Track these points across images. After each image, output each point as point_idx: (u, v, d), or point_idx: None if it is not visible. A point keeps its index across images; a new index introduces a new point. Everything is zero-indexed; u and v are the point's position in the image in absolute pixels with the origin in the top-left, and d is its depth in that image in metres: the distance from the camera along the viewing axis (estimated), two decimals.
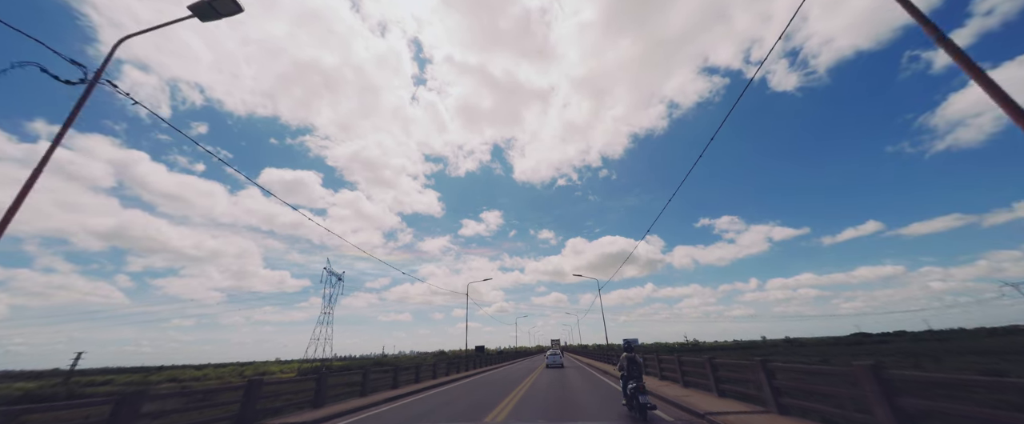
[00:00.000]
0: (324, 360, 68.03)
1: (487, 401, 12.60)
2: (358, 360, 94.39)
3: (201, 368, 79.00)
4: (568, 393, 13.76)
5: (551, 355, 32.12)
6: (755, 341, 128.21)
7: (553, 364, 30.44)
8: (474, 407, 11.52)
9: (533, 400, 12.42)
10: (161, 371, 71.49)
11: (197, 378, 56.40)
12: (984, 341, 54.26)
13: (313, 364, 65.59)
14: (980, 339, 60.93)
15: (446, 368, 24.89)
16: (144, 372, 70.61)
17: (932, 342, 60.52)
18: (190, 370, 70.95)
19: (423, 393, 15.66)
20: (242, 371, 66.49)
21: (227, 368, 75.38)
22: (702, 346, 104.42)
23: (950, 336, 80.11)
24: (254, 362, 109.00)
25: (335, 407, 11.46)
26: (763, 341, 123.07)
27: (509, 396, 13.54)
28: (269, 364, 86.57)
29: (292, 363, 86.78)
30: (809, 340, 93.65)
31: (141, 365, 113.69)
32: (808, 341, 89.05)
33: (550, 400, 12.25)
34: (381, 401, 12.99)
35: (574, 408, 10.55)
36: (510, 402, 12.16)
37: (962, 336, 76.91)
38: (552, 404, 11.42)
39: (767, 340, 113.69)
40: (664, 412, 9.46)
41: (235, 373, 65.89)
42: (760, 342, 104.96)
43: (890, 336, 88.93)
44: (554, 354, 32.59)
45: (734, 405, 9.37)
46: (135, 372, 71.92)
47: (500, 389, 16.06)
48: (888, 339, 78.36)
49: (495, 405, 11.68)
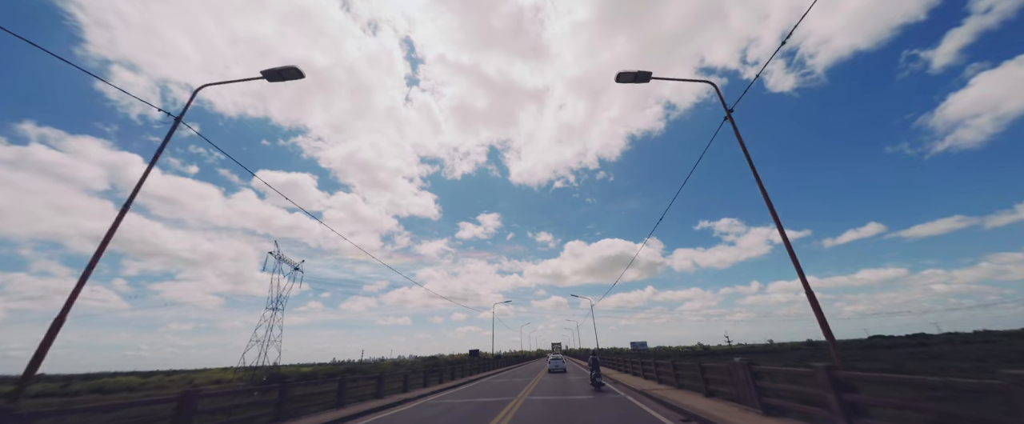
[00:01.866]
0: (270, 368, 58.35)
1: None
2: (325, 367, 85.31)
3: (149, 376, 72.06)
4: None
5: (553, 360, 32.11)
6: (760, 344, 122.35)
7: (555, 369, 30.31)
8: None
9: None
10: (116, 378, 64.52)
11: (131, 387, 49.69)
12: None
13: (253, 373, 56.62)
14: (1014, 341, 54.94)
15: (424, 377, 21.89)
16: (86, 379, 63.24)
17: (960, 345, 54.86)
18: (134, 378, 64.00)
19: (379, 414, 12.63)
20: (192, 379, 59.52)
21: (177, 376, 68.42)
22: (715, 350, 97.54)
23: (971, 338, 74.75)
24: (186, 370, 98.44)
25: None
26: (771, 344, 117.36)
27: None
28: (212, 371, 72.60)
29: (236, 371, 70.13)
30: (841, 342, 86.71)
31: (134, 370, 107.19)
32: (824, 344, 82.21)
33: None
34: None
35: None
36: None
37: (985, 337, 71.29)
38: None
39: (789, 343, 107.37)
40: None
41: (185, 380, 58.98)
42: (788, 345, 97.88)
43: (913, 338, 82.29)
44: (556, 358, 32.42)
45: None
46: (88, 379, 64.32)
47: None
48: (913, 342, 71.74)
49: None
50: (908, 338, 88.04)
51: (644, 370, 20.51)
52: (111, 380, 59.33)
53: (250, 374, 55.54)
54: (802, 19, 7.68)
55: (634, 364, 23.24)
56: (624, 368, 25.86)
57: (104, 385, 51.87)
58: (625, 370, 25.61)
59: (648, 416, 10.17)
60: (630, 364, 24.41)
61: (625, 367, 25.62)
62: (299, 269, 69.18)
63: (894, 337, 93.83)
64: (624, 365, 25.86)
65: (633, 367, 23.49)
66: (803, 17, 7.59)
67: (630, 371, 24.32)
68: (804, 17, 7.60)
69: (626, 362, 25.63)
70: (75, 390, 47.54)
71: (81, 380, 59.78)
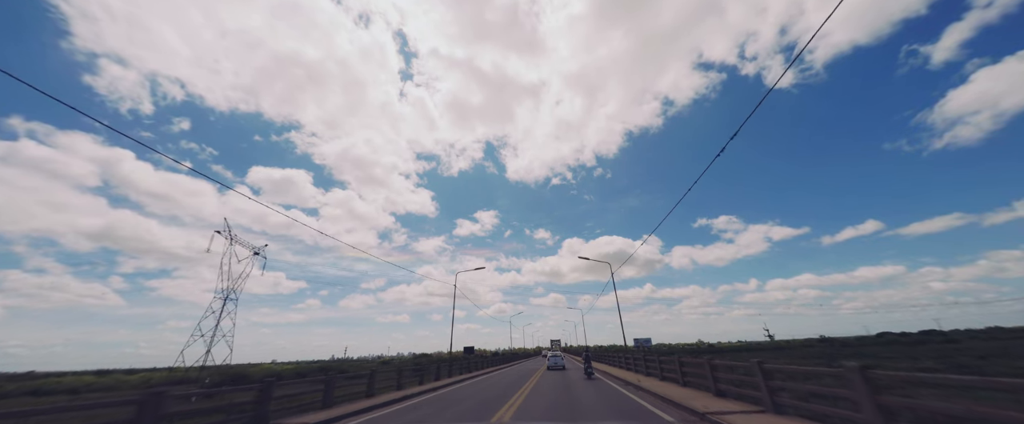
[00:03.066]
0: (219, 368, 51.11)
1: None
2: (284, 367, 77.79)
3: (105, 375, 66.68)
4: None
5: (552, 357, 32.71)
6: (761, 341, 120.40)
7: (554, 366, 30.73)
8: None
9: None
10: (62, 378, 59.01)
11: (75, 389, 44.75)
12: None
13: (194, 373, 48.13)
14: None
15: (397, 378, 18.74)
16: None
17: (976, 341, 51.78)
18: (88, 377, 58.66)
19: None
20: (150, 379, 54.21)
21: (137, 375, 63.12)
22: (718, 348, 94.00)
23: (980, 334, 72.75)
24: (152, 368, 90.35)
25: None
26: (772, 341, 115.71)
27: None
28: (158, 372, 63.00)
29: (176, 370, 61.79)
30: (848, 339, 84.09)
31: (132, 367, 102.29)
32: (845, 340, 79.41)
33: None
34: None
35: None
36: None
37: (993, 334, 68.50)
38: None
39: (802, 340, 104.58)
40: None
41: (144, 381, 53.83)
42: (799, 342, 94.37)
43: (928, 335, 79.07)
44: (555, 356, 33.11)
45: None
46: (29, 379, 58.86)
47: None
48: (927, 339, 68.67)
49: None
50: (922, 334, 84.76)
51: (648, 367, 20.84)
52: (54, 381, 53.92)
53: (192, 373, 48.15)
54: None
55: (636, 361, 23.56)
56: (625, 365, 26.07)
57: (42, 386, 46.57)
58: (628, 367, 25.69)
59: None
60: (633, 362, 24.67)
61: (627, 365, 25.76)
62: (260, 253, 60.47)
63: (908, 334, 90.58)
64: (625, 362, 26.06)
65: (635, 364, 23.61)
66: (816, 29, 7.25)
67: (632, 368, 24.41)
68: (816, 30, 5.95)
69: (626, 359, 25.81)
70: (6, 391, 42.19)
71: (19, 380, 54.29)
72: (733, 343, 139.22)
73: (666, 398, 12.43)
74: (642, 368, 21.95)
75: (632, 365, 24.27)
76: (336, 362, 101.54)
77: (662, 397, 12.79)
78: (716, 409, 9.85)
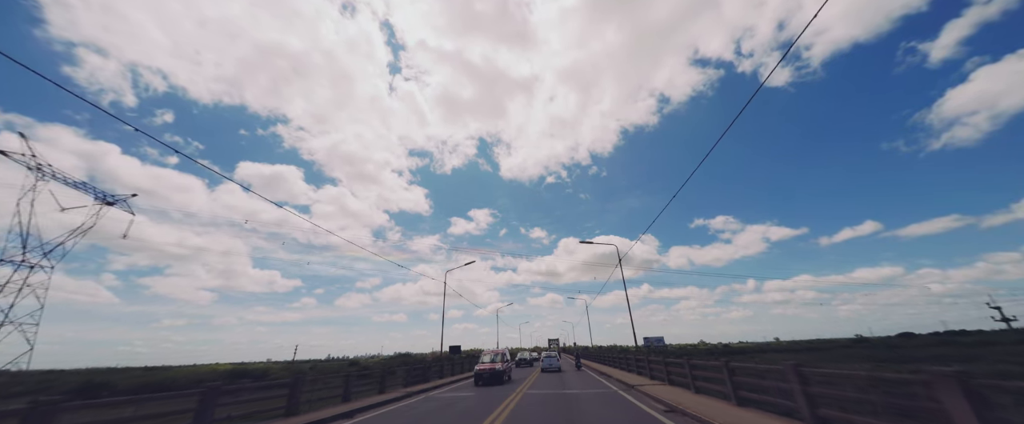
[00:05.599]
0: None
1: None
2: (162, 372, 70.63)
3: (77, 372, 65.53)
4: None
5: (547, 358, 32.15)
6: (766, 342, 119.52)
7: (549, 367, 30.24)
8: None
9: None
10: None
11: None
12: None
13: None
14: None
15: (343, 387, 15.31)
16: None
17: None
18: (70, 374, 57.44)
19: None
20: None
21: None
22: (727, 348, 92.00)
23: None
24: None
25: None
26: (776, 342, 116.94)
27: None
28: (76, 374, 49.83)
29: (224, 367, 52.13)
30: (876, 340, 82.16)
31: (128, 366, 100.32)
32: (875, 341, 77.95)
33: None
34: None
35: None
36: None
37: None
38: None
39: (827, 340, 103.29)
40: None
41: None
42: (820, 342, 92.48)
43: (954, 335, 77.10)
44: (550, 356, 32.67)
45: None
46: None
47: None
48: (950, 340, 66.64)
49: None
50: (944, 336, 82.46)
51: (652, 369, 19.23)
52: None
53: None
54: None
55: (640, 363, 21.80)
56: (626, 367, 24.56)
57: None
58: (629, 369, 24.07)
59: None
60: (635, 363, 22.98)
61: (628, 366, 24.23)
62: (118, 204, 38.00)
63: (936, 333, 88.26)
64: (626, 363, 24.67)
65: (638, 366, 21.74)
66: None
67: (635, 370, 22.51)
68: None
69: (627, 360, 24.37)
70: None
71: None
72: (747, 344, 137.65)
73: (676, 407, 10.59)
74: (645, 370, 20.36)
75: (635, 367, 22.94)
76: (285, 364, 79.19)
77: (680, 410, 10.92)
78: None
